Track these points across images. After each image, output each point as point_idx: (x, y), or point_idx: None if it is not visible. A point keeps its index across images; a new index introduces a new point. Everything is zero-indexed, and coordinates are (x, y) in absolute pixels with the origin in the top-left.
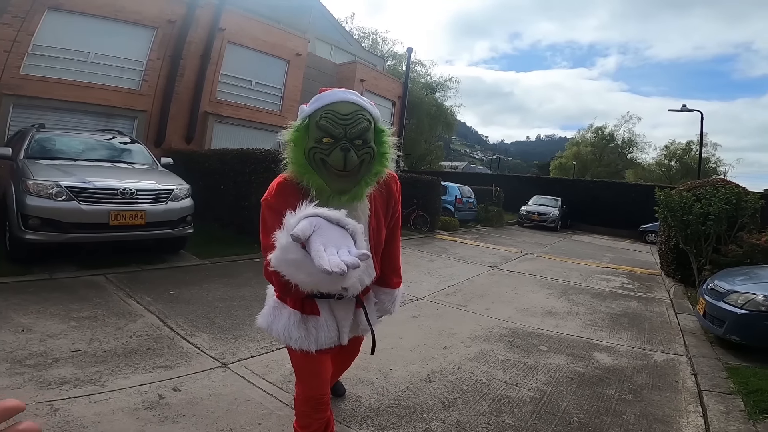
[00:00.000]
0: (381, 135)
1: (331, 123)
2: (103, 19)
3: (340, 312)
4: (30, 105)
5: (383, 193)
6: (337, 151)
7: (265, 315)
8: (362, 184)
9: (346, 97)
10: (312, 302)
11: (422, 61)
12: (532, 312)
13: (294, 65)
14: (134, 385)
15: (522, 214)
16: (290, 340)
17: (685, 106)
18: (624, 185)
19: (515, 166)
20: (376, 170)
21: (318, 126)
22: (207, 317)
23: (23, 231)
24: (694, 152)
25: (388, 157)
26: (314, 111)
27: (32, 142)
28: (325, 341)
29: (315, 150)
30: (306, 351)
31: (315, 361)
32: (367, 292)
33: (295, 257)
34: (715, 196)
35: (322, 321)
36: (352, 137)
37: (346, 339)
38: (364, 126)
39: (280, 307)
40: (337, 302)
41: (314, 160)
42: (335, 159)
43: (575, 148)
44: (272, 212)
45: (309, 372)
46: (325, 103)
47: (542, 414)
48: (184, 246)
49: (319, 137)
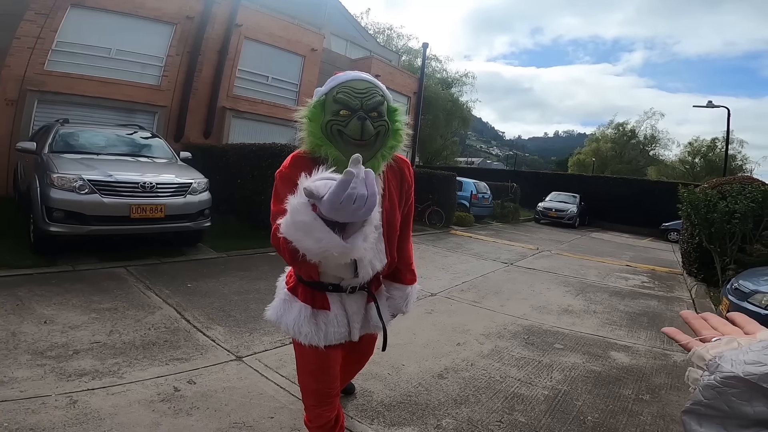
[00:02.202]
0: (394, 113)
1: (348, 96)
2: (124, 16)
3: (352, 306)
4: (54, 101)
5: (396, 175)
6: (354, 120)
7: (275, 307)
8: (378, 156)
9: (361, 76)
10: (323, 296)
11: (438, 56)
12: (548, 309)
13: (309, 61)
14: (151, 377)
15: (539, 211)
16: (300, 335)
17: (711, 102)
18: (646, 182)
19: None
20: (391, 144)
21: (335, 99)
22: (223, 310)
23: (47, 223)
24: (719, 149)
25: (402, 133)
26: (330, 89)
27: (56, 136)
28: (334, 337)
29: (332, 122)
30: (315, 346)
31: (323, 356)
32: (379, 287)
33: (304, 219)
34: (741, 194)
35: (332, 316)
36: (368, 109)
37: (357, 335)
38: (378, 99)
39: (291, 300)
40: (348, 296)
41: (331, 132)
42: (352, 128)
43: (595, 144)
44: (285, 181)
45: (317, 366)
46: (341, 81)
47: (556, 413)
48: (201, 239)
49: (336, 110)
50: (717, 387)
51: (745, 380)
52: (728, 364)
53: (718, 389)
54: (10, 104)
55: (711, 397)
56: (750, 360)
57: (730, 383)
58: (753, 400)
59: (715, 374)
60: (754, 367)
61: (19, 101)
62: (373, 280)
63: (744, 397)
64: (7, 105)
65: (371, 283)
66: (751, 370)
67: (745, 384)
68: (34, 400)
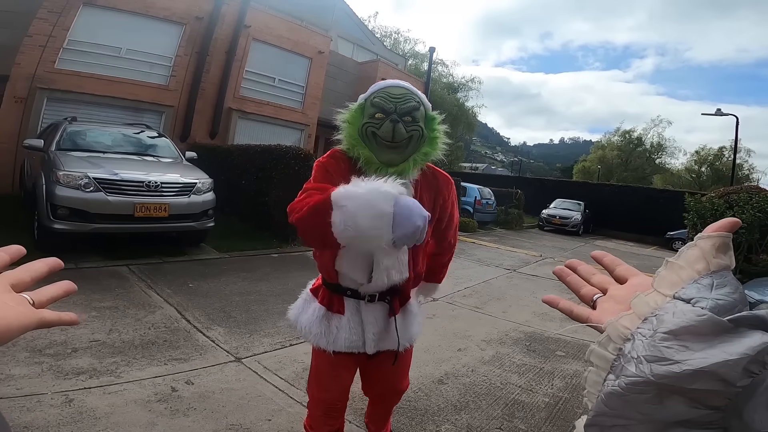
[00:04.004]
0: (432, 121)
1: (384, 100)
2: (135, 15)
3: (368, 316)
4: (63, 99)
5: (432, 188)
6: (387, 123)
7: (296, 307)
8: (410, 161)
9: (398, 83)
10: (340, 300)
11: (444, 60)
12: (551, 316)
13: (316, 63)
14: (149, 377)
15: (543, 218)
16: (310, 334)
17: (719, 110)
18: (651, 190)
19: (537, 168)
20: (425, 150)
21: (372, 103)
22: (223, 311)
23: (52, 221)
24: (726, 158)
25: (439, 141)
26: (370, 94)
27: (64, 134)
28: (344, 343)
29: (368, 124)
30: (323, 350)
31: (334, 364)
32: (405, 303)
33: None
34: (748, 203)
35: (345, 321)
36: (402, 113)
37: (372, 347)
38: (413, 105)
39: (310, 300)
40: (366, 304)
41: (366, 134)
42: (385, 130)
43: (600, 151)
44: (322, 170)
45: (326, 375)
46: (380, 87)
47: (556, 420)
48: (204, 239)
49: (372, 113)
50: (624, 395)
51: (656, 383)
52: (632, 366)
53: (625, 397)
54: (19, 102)
55: (617, 407)
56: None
57: (639, 389)
58: (666, 400)
59: (620, 379)
60: (661, 367)
61: (29, 99)
62: (398, 294)
63: (657, 400)
64: (15, 102)
65: (394, 297)
66: (660, 371)
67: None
68: (30, 398)
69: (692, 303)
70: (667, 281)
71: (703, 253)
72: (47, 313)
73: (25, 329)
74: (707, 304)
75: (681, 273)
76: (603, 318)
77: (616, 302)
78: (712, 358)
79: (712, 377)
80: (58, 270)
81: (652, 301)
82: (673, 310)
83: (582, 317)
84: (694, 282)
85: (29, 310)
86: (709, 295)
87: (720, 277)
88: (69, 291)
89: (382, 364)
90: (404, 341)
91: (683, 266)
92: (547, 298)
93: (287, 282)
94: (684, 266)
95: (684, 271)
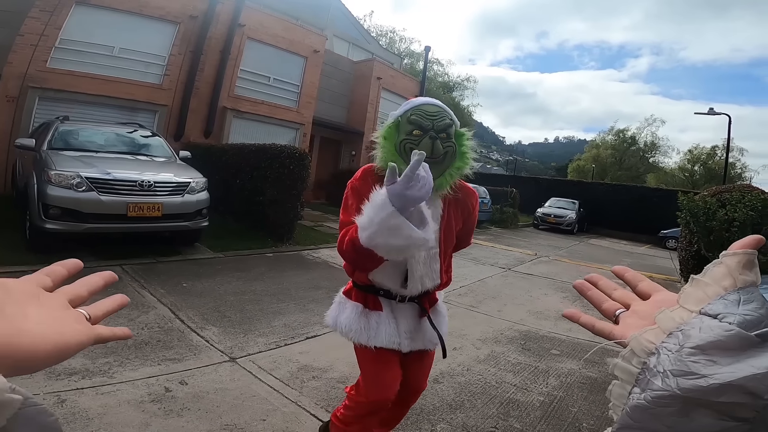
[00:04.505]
0: (461, 137)
1: (421, 117)
2: (129, 14)
3: (400, 314)
4: (55, 98)
5: (459, 203)
6: (426, 139)
7: (332, 311)
8: (446, 176)
9: (432, 101)
10: (375, 298)
11: (440, 60)
12: (546, 315)
13: (312, 62)
14: (142, 377)
15: (538, 216)
16: (350, 332)
17: (712, 110)
18: (645, 189)
19: (532, 167)
20: (458, 165)
21: (409, 121)
22: (218, 311)
23: (43, 220)
24: (719, 157)
25: (469, 156)
26: (404, 112)
27: (55, 133)
28: (385, 338)
29: (406, 141)
30: (365, 346)
31: (380, 361)
32: (434, 303)
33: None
34: (741, 202)
35: (384, 317)
36: (438, 130)
37: (407, 345)
38: (447, 122)
39: (345, 302)
40: (398, 304)
41: (404, 150)
42: (424, 146)
43: (595, 150)
44: (354, 194)
45: (373, 373)
46: (414, 105)
47: (551, 419)
48: (198, 238)
49: (410, 130)
50: (649, 408)
51: (682, 397)
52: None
53: (651, 410)
54: (11, 101)
55: (643, 420)
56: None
57: (665, 402)
58: (692, 413)
59: (645, 392)
60: (687, 381)
61: (20, 98)
62: (426, 296)
63: (683, 413)
64: (7, 102)
65: (423, 298)
66: (686, 385)
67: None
68: None
69: (719, 318)
70: (693, 297)
71: (729, 270)
72: (102, 329)
73: (82, 347)
74: (734, 320)
75: (707, 289)
76: (626, 333)
77: (639, 318)
78: (740, 372)
79: (740, 390)
80: (113, 283)
81: (677, 317)
82: (699, 325)
83: (604, 332)
84: (721, 298)
85: (86, 327)
86: (737, 310)
87: (747, 293)
88: (122, 304)
89: (412, 364)
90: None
91: (709, 283)
92: (568, 313)
93: (282, 281)
94: (710, 283)
95: (710, 287)
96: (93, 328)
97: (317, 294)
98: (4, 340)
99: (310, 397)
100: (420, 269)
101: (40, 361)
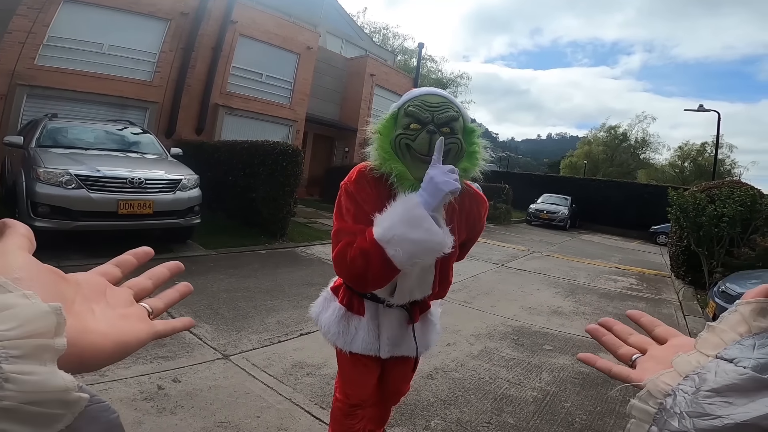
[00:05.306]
0: (471, 135)
1: (419, 108)
2: (119, 11)
3: (386, 319)
4: (44, 95)
5: (464, 208)
6: (423, 134)
7: (317, 305)
8: None
9: (435, 91)
10: (360, 301)
11: (433, 56)
12: (538, 311)
13: (305, 59)
14: (134, 375)
15: (530, 213)
16: (329, 333)
17: (701, 106)
18: (635, 185)
19: (525, 164)
20: (464, 166)
21: (406, 113)
22: (211, 308)
23: (32, 218)
24: (709, 153)
25: (478, 156)
26: (403, 103)
27: (44, 131)
28: (361, 345)
29: (402, 136)
30: (341, 350)
31: (355, 365)
32: (426, 310)
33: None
34: (730, 197)
35: (364, 323)
36: (440, 123)
37: (386, 351)
38: (451, 115)
39: (330, 299)
40: (385, 309)
41: (400, 147)
42: (420, 142)
43: (587, 147)
44: (348, 197)
45: (348, 375)
46: (415, 95)
47: (544, 414)
48: (190, 236)
49: (407, 124)
50: None
51: None
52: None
53: None
54: None
55: None
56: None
57: None
58: None
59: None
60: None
61: (8, 96)
62: (418, 303)
63: None
64: None
65: (414, 305)
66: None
67: None
68: None
69: (735, 363)
70: (710, 343)
71: (744, 317)
72: (159, 325)
73: (142, 345)
74: (749, 363)
75: (723, 335)
76: (644, 377)
77: (657, 362)
78: (754, 411)
79: (755, 429)
80: (179, 273)
81: (694, 361)
82: (715, 369)
83: (622, 376)
84: (737, 343)
85: (147, 325)
86: (752, 354)
87: (762, 338)
88: (186, 293)
89: (393, 368)
90: (422, 349)
91: (725, 329)
92: (584, 357)
93: (275, 278)
94: (726, 329)
95: (726, 333)
96: (151, 324)
97: (311, 290)
98: (73, 337)
99: (304, 393)
100: (410, 282)
101: (103, 359)
